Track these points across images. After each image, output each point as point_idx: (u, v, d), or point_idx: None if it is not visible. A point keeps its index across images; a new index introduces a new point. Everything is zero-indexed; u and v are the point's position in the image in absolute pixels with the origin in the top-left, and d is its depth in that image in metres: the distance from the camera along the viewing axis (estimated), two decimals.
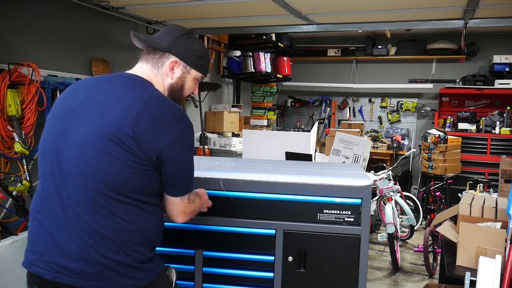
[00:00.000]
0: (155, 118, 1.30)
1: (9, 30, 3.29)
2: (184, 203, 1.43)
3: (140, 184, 1.31)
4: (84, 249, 1.27)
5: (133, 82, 1.39)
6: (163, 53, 1.46)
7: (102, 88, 1.37)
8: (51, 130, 1.37)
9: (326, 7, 3.53)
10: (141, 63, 1.49)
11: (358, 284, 1.76)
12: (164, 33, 1.49)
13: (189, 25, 4.61)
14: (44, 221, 1.32)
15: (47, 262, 1.28)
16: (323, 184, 1.78)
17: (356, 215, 1.77)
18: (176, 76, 1.48)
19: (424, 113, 7.10)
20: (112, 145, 1.27)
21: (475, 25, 3.70)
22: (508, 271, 2.11)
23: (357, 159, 4.48)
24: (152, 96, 1.35)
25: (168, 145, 1.31)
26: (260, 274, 1.80)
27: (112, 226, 1.28)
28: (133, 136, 1.27)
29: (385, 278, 4.02)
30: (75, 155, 1.29)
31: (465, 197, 2.83)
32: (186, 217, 1.46)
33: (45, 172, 1.35)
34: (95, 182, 1.27)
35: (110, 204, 1.28)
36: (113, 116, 1.29)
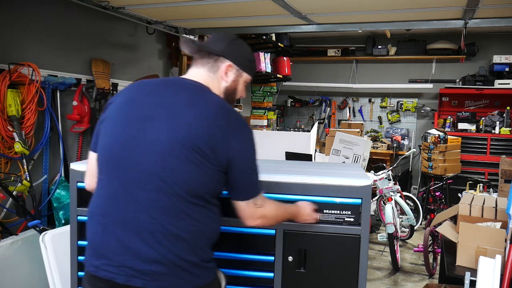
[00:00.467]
0: (226, 125, 1.35)
1: (9, 30, 3.29)
2: (250, 207, 1.44)
3: (213, 187, 1.37)
4: (159, 251, 1.29)
5: (196, 88, 1.43)
6: (218, 57, 1.50)
7: (169, 95, 1.39)
8: (118, 135, 1.37)
9: (326, 7, 3.53)
10: (197, 68, 1.51)
11: (358, 284, 1.76)
12: (216, 39, 1.53)
13: (189, 25, 4.61)
14: (110, 225, 1.33)
15: (118, 266, 1.30)
16: (323, 184, 1.78)
17: (356, 215, 1.76)
18: (230, 80, 1.52)
19: (424, 113, 7.10)
20: (190, 152, 1.30)
21: (475, 25, 3.70)
22: (508, 271, 2.11)
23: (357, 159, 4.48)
24: (220, 103, 1.40)
25: (237, 150, 1.36)
26: (260, 274, 1.80)
27: (187, 228, 1.32)
28: (209, 143, 1.31)
29: (385, 278, 4.02)
30: (153, 162, 1.31)
31: (465, 197, 2.83)
32: (256, 221, 1.46)
33: (111, 177, 1.36)
34: (174, 188, 1.30)
35: (187, 208, 1.32)
36: (189, 124, 1.32)
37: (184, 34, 4.70)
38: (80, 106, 3.81)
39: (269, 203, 1.51)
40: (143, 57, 4.89)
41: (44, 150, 3.59)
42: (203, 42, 1.53)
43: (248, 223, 1.46)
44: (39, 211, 3.46)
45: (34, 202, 3.35)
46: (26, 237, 2.80)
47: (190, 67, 1.54)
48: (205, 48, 1.50)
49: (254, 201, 1.44)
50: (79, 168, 1.92)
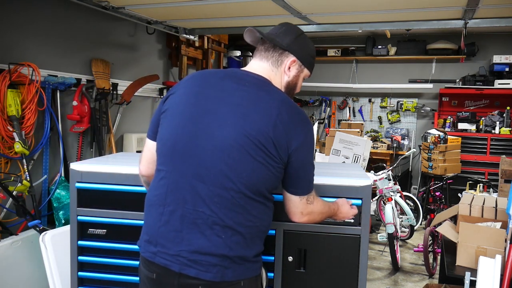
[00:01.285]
0: (289, 122, 1.36)
1: (9, 30, 3.30)
2: (303, 203, 1.45)
3: (272, 183, 1.39)
4: (215, 243, 1.32)
5: (260, 83, 1.43)
6: (283, 51, 1.50)
7: (233, 89, 1.40)
8: (180, 127, 1.38)
9: (326, 7, 3.53)
10: (260, 61, 1.51)
11: (358, 284, 1.76)
12: (283, 32, 1.52)
13: (189, 25, 4.61)
14: (168, 215, 1.36)
15: (174, 255, 1.34)
16: (323, 184, 1.78)
17: (356, 217, 1.75)
18: (292, 75, 1.53)
19: (424, 113, 7.10)
20: (255, 149, 1.32)
21: (475, 25, 3.70)
22: (508, 271, 2.11)
23: (357, 159, 4.48)
24: (283, 99, 1.41)
25: (299, 146, 1.37)
26: None
27: (245, 223, 1.35)
28: (273, 139, 1.33)
29: (385, 278, 4.02)
30: (216, 157, 1.33)
31: (465, 197, 2.83)
32: (303, 218, 1.48)
33: (173, 169, 1.38)
34: (236, 184, 1.32)
35: (246, 203, 1.35)
36: (254, 120, 1.33)
37: (184, 34, 4.70)
38: (80, 106, 3.82)
39: (318, 201, 1.53)
40: (143, 57, 4.89)
41: (44, 150, 3.59)
42: (270, 34, 1.52)
43: (296, 218, 1.48)
44: (39, 211, 3.47)
45: (34, 202, 3.36)
46: (26, 237, 2.80)
47: (253, 58, 1.54)
48: (272, 41, 1.50)
49: (307, 197, 1.46)
50: (79, 168, 1.92)
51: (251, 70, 1.49)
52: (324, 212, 1.56)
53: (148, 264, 1.40)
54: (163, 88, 4.95)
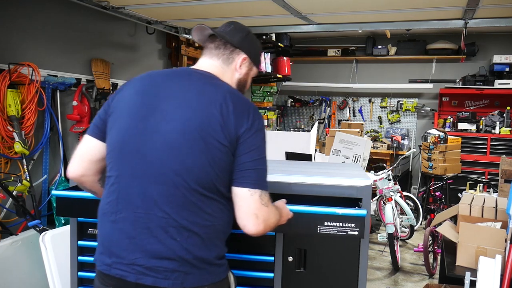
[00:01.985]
0: (236, 109, 1.32)
1: (9, 30, 3.30)
2: (255, 200, 1.30)
3: (226, 177, 1.32)
4: (171, 247, 1.27)
5: (206, 78, 1.40)
6: (234, 49, 1.49)
7: (180, 85, 1.36)
8: (129, 128, 1.33)
9: (326, 7, 3.53)
10: (210, 59, 1.49)
11: (358, 284, 1.76)
12: (232, 30, 1.51)
13: (189, 25, 4.61)
14: (120, 222, 1.30)
15: (129, 265, 1.28)
16: (323, 184, 1.78)
17: (360, 227, 1.63)
18: (243, 72, 1.52)
19: (424, 113, 7.10)
20: (204, 141, 1.27)
21: (475, 25, 3.70)
22: (508, 271, 2.11)
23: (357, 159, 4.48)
24: (230, 90, 1.38)
25: (245, 132, 1.31)
26: (260, 274, 1.80)
27: (201, 223, 1.29)
28: (219, 129, 1.28)
29: (385, 278, 4.02)
30: (165, 155, 1.28)
31: (465, 197, 2.83)
32: (260, 225, 1.30)
33: (122, 172, 1.32)
34: (188, 181, 1.27)
35: (200, 201, 1.29)
36: (200, 112, 1.29)
37: (184, 34, 4.70)
38: (80, 106, 3.82)
39: (273, 207, 1.39)
40: (143, 57, 4.89)
41: (44, 150, 3.59)
42: (221, 32, 1.50)
43: (250, 225, 1.30)
44: (39, 211, 3.47)
45: (34, 202, 3.35)
46: (26, 237, 2.80)
47: (202, 56, 1.51)
48: (224, 38, 1.48)
49: (260, 195, 1.31)
50: None
51: (201, 68, 1.46)
52: (277, 222, 1.41)
53: (104, 277, 1.33)
54: None
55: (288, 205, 1.62)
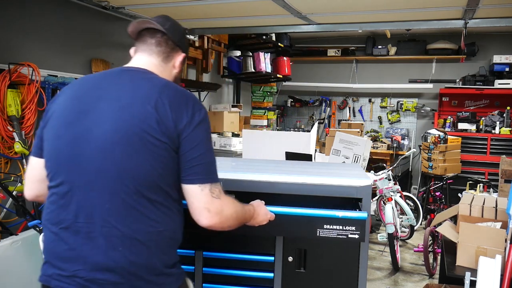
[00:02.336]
0: (174, 102, 1.26)
1: (9, 30, 3.30)
2: (206, 195, 1.25)
3: (169, 176, 1.25)
4: (113, 258, 1.20)
5: (141, 74, 1.35)
6: (175, 47, 1.46)
7: (112, 85, 1.30)
8: (62, 137, 1.27)
9: (326, 7, 3.53)
10: (150, 56, 1.42)
11: (358, 284, 1.76)
12: (171, 26, 1.45)
13: (189, 25, 4.61)
14: (62, 233, 1.25)
15: (69, 277, 1.22)
16: (323, 184, 1.78)
17: (361, 231, 1.60)
18: (179, 70, 1.51)
19: (424, 113, 7.10)
20: (138, 140, 1.21)
21: (475, 25, 3.70)
22: (508, 271, 2.11)
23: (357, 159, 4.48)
24: (166, 83, 1.33)
25: (187, 125, 1.25)
26: (260, 274, 1.80)
27: (144, 229, 1.22)
28: (156, 125, 1.22)
29: (385, 278, 4.02)
30: (100, 158, 1.22)
31: (465, 197, 2.83)
32: (214, 218, 1.26)
33: (60, 182, 1.26)
34: (126, 184, 1.21)
35: (142, 206, 1.22)
36: (132, 110, 1.23)
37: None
38: None
39: (228, 199, 1.33)
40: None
41: None
42: (161, 28, 1.42)
43: (203, 218, 1.26)
44: (39, 211, 3.46)
45: (34, 202, 3.35)
46: (26, 237, 2.80)
47: (139, 52, 1.44)
48: (167, 36, 1.43)
49: (211, 188, 1.27)
50: None
51: (138, 65, 1.40)
52: (239, 215, 1.37)
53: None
54: None
55: (286, 207, 1.60)
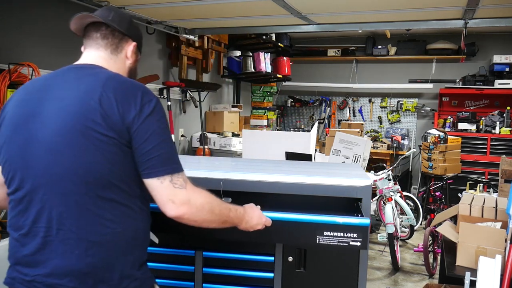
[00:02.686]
0: (119, 94, 1.21)
1: (9, 30, 3.30)
2: (167, 187, 1.20)
3: (122, 171, 1.21)
4: (70, 261, 1.17)
5: (86, 69, 1.30)
6: (123, 37, 1.40)
7: (57, 84, 1.27)
8: (14, 141, 1.24)
9: (326, 7, 3.53)
10: (97, 50, 1.37)
11: (358, 284, 1.76)
12: (117, 16, 1.39)
13: (189, 25, 4.61)
14: (22, 239, 1.23)
15: (30, 281, 1.20)
16: (323, 184, 1.78)
17: (363, 238, 1.51)
18: (133, 60, 1.45)
19: (424, 113, 7.10)
20: (83, 138, 1.17)
21: (475, 25, 3.70)
22: (508, 271, 2.11)
23: (357, 159, 4.48)
24: (112, 76, 1.27)
25: (136, 116, 1.20)
26: (260, 274, 1.80)
27: (100, 230, 1.18)
28: (101, 120, 1.17)
29: (385, 278, 4.02)
30: (49, 161, 1.19)
31: (465, 197, 2.83)
32: (180, 208, 1.20)
33: (17, 187, 1.24)
34: (77, 184, 1.17)
35: (96, 206, 1.18)
36: (75, 108, 1.19)
37: (184, 34, 4.70)
38: None
39: (196, 188, 1.26)
40: (143, 57, 4.87)
41: None
42: (105, 19, 1.37)
43: (168, 210, 1.20)
44: None
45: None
46: None
47: (87, 48, 1.39)
48: (112, 27, 1.37)
49: (171, 179, 1.21)
50: None
51: (86, 61, 1.35)
52: (215, 208, 1.28)
53: None
54: (163, 88, 4.95)
55: (284, 213, 1.53)
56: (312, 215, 1.53)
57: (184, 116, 5.51)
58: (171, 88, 4.96)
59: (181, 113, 5.47)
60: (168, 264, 1.83)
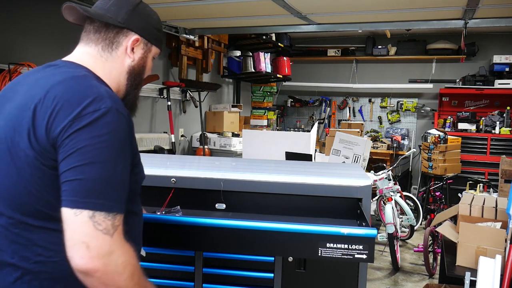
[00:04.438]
0: (59, 102, 0.97)
1: (9, 29, 3.30)
2: (83, 222, 0.91)
3: (49, 194, 0.98)
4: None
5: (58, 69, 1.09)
6: (120, 29, 1.15)
7: (21, 85, 1.08)
8: None
9: (326, 7, 3.53)
10: (86, 45, 1.16)
11: (358, 284, 1.76)
12: (114, 3, 1.16)
13: (189, 25, 4.61)
14: None
15: None
16: (323, 184, 1.78)
17: (369, 250, 1.38)
18: (138, 57, 1.19)
19: (424, 113, 7.10)
20: (9, 155, 0.98)
21: (475, 25, 3.70)
22: (508, 271, 2.11)
23: (357, 159, 4.48)
24: (64, 79, 1.02)
25: (65, 128, 0.94)
26: (260, 275, 1.80)
27: (33, 258, 0.99)
28: (26, 135, 0.96)
29: (385, 278, 4.02)
30: None
31: (465, 197, 2.83)
32: (93, 259, 0.90)
33: None
34: (5, 207, 0.99)
35: (28, 232, 0.99)
36: (12, 117, 1.00)
37: (184, 34, 4.70)
38: None
39: (126, 243, 0.98)
40: None
41: None
42: (98, 9, 1.16)
43: (77, 257, 0.90)
44: None
45: None
46: None
47: (78, 43, 1.20)
48: (103, 18, 1.14)
49: (93, 216, 0.92)
50: None
51: (72, 58, 1.15)
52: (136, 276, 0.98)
53: None
54: (163, 88, 4.95)
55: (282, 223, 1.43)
56: (313, 225, 1.41)
57: (184, 116, 5.51)
58: (171, 88, 4.96)
59: (181, 113, 5.47)
60: (168, 264, 1.82)
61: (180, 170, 1.88)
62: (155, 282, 1.61)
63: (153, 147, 4.60)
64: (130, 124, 1.05)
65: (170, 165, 2.11)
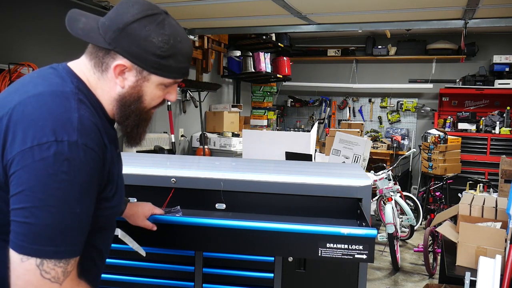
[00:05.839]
0: (17, 123, 0.86)
1: (9, 30, 3.30)
2: (29, 270, 0.81)
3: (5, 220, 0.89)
4: None
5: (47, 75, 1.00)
6: (108, 50, 0.98)
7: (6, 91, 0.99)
8: None
9: (326, 7, 3.53)
10: (85, 56, 1.05)
11: (358, 284, 1.76)
12: (112, 17, 0.99)
13: (189, 25, 4.61)
14: None
15: None
16: (323, 184, 1.78)
17: (369, 250, 1.39)
18: (128, 85, 1.00)
19: (424, 113, 7.10)
20: None
21: (475, 25, 3.70)
22: (508, 271, 2.11)
23: (357, 159, 4.48)
24: (35, 94, 0.90)
25: (15, 157, 0.83)
26: (260, 275, 1.80)
27: None
28: None
29: (385, 278, 4.02)
30: None
31: (465, 197, 2.83)
32: None
33: None
34: None
35: None
36: None
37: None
38: None
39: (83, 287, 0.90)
40: None
41: None
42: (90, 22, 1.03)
43: None
44: None
45: None
46: None
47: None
48: (86, 38, 0.99)
49: (41, 264, 0.82)
50: None
51: (74, 65, 1.05)
52: None
53: None
54: None
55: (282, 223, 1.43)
56: (313, 225, 1.40)
57: (184, 116, 5.51)
58: None
59: (181, 113, 5.47)
60: (168, 264, 1.82)
61: (180, 170, 1.88)
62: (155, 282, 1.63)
63: (153, 147, 4.61)
64: (102, 160, 0.92)
65: (170, 165, 2.11)
